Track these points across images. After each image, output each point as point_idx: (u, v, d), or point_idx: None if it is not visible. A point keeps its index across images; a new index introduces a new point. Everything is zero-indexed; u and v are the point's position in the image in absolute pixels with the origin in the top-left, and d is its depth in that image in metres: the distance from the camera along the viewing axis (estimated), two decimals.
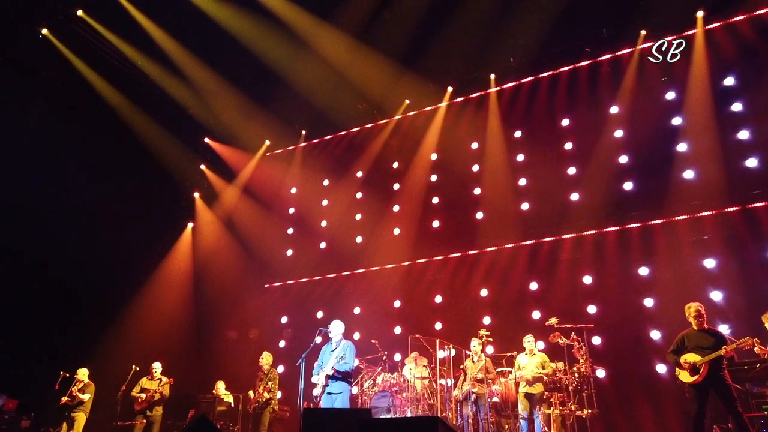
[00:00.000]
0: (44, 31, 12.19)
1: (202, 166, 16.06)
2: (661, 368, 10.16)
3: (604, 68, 12.55)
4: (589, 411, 8.63)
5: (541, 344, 9.65)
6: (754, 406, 8.04)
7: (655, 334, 10.44)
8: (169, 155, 14.40)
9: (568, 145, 12.62)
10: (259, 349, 11.63)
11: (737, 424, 6.86)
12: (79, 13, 12.20)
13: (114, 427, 10.55)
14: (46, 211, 12.15)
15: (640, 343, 10.58)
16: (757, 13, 11.08)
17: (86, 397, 10.49)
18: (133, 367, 10.75)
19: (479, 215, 13.29)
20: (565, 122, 12.77)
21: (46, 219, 12.19)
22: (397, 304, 13.61)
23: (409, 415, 9.50)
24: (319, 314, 14.23)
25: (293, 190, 16.27)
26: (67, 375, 10.56)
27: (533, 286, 12.02)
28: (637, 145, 11.82)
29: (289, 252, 15.80)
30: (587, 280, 11.48)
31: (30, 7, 11.74)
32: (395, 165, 14.86)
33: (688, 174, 11.11)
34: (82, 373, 10.68)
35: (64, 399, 10.32)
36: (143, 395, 10.39)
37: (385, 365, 10.83)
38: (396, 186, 14.66)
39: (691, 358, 7.21)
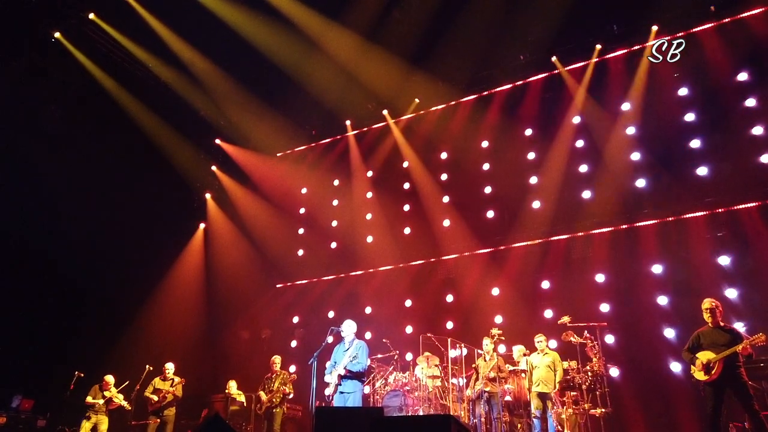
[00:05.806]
0: (57, 34, 12.31)
1: (214, 168, 16.16)
2: (676, 366, 10.05)
3: (616, 65, 12.45)
4: (603, 410, 8.57)
5: (553, 343, 9.59)
6: None
7: (669, 332, 10.34)
8: (180, 157, 14.49)
9: (580, 143, 12.53)
10: (271, 349, 11.65)
11: (753, 423, 6.77)
12: (91, 16, 12.33)
13: (128, 427, 10.63)
14: (59, 213, 12.25)
15: (653, 342, 10.46)
16: None
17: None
18: (147, 366, 10.83)
19: (490, 214, 13.25)
20: (576, 119, 12.66)
21: (59, 220, 12.28)
22: (408, 303, 13.59)
23: (421, 414, 9.48)
24: (331, 314, 14.25)
25: (304, 191, 16.30)
26: (82, 375, 10.65)
27: (545, 284, 11.96)
28: (649, 142, 11.71)
29: (300, 252, 15.84)
30: (600, 278, 11.40)
31: (42, 11, 11.84)
32: (405, 164, 14.82)
33: (702, 170, 11.00)
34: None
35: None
36: (155, 397, 10.45)
37: (396, 364, 10.83)
38: (406, 185, 14.64)
39: (705, 356, 7.14)
